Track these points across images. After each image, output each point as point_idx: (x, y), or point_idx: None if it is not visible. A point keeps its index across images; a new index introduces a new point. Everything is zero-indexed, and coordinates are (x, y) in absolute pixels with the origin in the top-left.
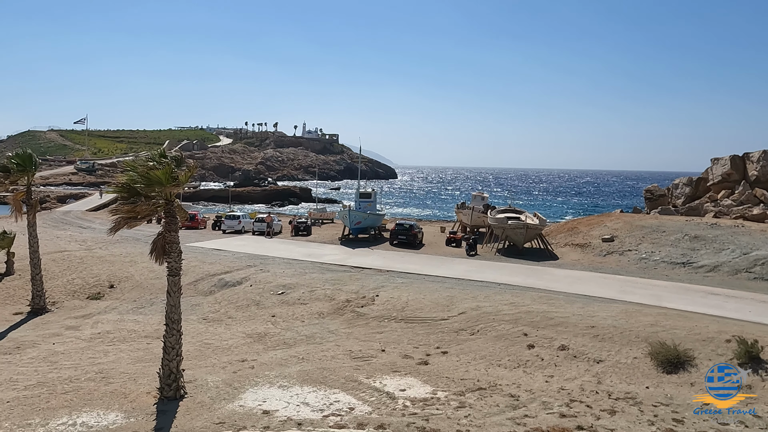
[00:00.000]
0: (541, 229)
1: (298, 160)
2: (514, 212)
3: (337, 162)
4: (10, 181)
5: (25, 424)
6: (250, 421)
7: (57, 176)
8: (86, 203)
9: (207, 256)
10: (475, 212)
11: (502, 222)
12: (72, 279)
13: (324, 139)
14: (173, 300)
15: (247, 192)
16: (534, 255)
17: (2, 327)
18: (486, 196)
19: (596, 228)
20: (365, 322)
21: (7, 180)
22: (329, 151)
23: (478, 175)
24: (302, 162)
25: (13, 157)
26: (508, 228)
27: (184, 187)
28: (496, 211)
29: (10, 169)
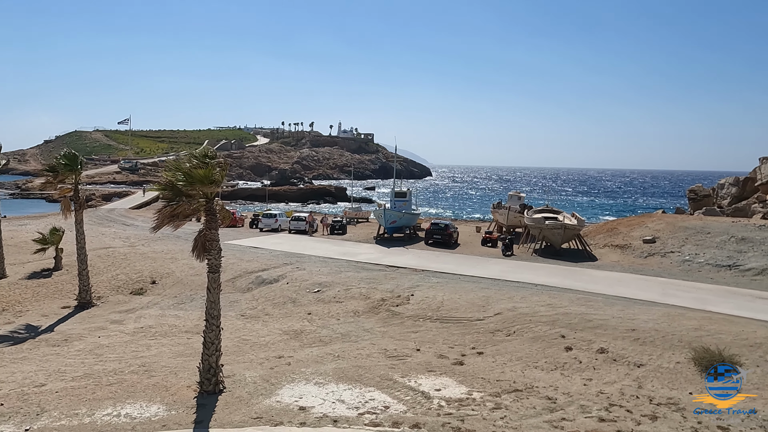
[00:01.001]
0: (579, 229)
1: (333, 160)
2: (551, 212)
3: (372, 161)
4: (58, 180)
5: (72, 413)
6: (287, 417)
7: (102, 175)
8: (129, 201)
9: (245, 254)
10: (511, 212)
11: (540, 222)
12: (116, 275)
13: (359, 138)
14: (213, 296)
15: (283, 191)
16: (572, 256)
17: (51, 320)
18: (523, 195)
19: (637, 229)
20: (400, 321)
21: (55, 179)
22: (364, 151)
23: (512, 175)
24: (337, 161)
25: (61, 157)
26: (546, 228)
27: (222, 186)
28: (533, 211)
29: (58, 168)
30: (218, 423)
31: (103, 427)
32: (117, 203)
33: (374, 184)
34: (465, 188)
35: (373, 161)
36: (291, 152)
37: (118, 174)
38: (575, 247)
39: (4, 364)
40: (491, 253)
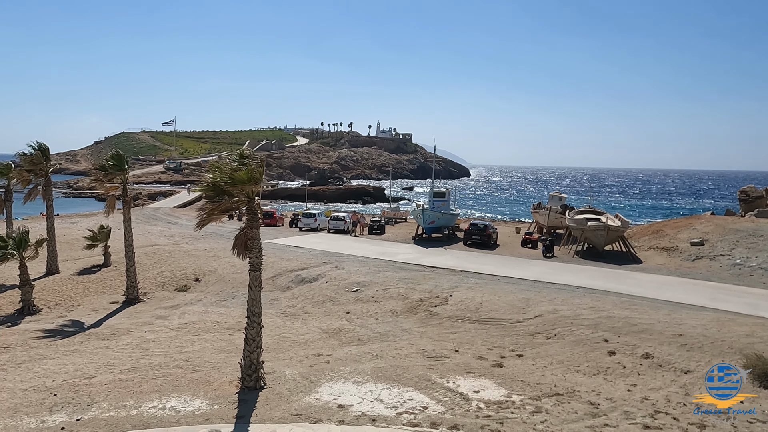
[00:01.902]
0: (623, 231)
1: (372, 160)
2: (594, 213)
3: (410, 161)
4: (107, 180)
5: (120, 405)
6: (326, 415)
7: (148, 175)
8: (174, 200)
9: (285, 253)
10: (552, 213)
11: (582, 223)
12: (161, 272)
13: (397, 138)
14: (254, 294)
15: (322, 191)
16: (615, 258)
17: (101, 315)
18: (564, 196)
19: (684, 231)
20: (438, 322)
21: (104, 179)
22: (403, 151)
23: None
24: (376, 161)
25: (109, 157)
26: (588, 229)
27: (262, 185)
28: (575, 212)
29: (107, 168)
30: (259, 418)
31: (149, 420)
32: (162, 202)
33: (412, 184)
34: (504, 188)
35: (411, 161)
36: (330, 152)
37: (163, 174)
38: (619, 249)
39: (58, 356)
40: (531, 254)
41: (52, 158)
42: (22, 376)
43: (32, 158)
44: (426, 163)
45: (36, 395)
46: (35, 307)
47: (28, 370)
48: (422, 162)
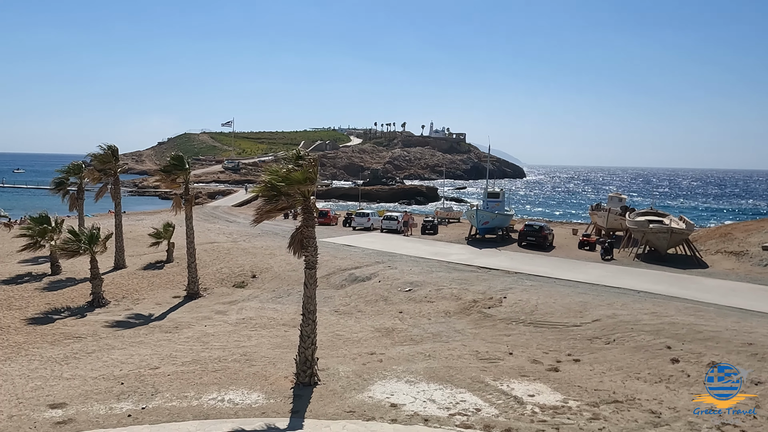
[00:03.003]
0: (687, 233)
1: (424, 160)
2: (656, 215)
3: (463, 161)
4: (171, 179)
5: (182, 395)
6: (379, 413)
7: (207, 174)
8: (232, 199)
9: (338, 252)
10: (611, 214)
11: (643, 225)
12: (220, 268)
13: (451, 138)
14: (309, 291)
15: (375, 190)
16: (679, 262)
17: (164, 308)
18: (624, 197)
19: (755, 234)
20: (492, 324)
21: (168, 178)
22: (456, 151)
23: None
24: (429, 161)
25: (171, 158)
26: (650, 232)
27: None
28: (636, 214)
29: (171, 168)
30: (313, 414)
31: (208, 411)
32: (221, 201)
33: (466, 184)
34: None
35: (464, 161)
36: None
37: (222, 173)
38: (683, 252)
39: (124, 347)
40: (589, 256)
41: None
42: (93, 364)
43: (102, 158)
44: (480, 163)
45: (105, 383)
46: (104, 299)
47: (98, 359)
48: (476, 162)
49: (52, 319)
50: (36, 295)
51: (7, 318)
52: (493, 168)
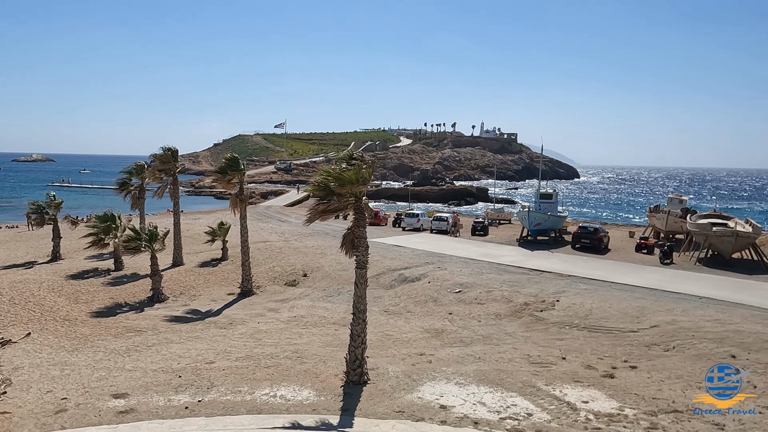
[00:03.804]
0: (754, 237)
1: (475, 160)
2: (720, 218)
3: (515, 161)
4: (226, 180)
5: (236, 390)
6: (428, 414)
7: (260, 175)
8: (284, 199)
9: (388, 252)
10: (671, 216)
11: (706, 228)
12: (273, 266)
13: (502, 138)
14: (360, 291)
15: (425, 191)
16: (744, 267)
17: (219, 305)
18: (685, 198)
19: None
20: (544, 327)
21: (224, 179)
22: (507, 151)
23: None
24: (479, 162)
25: (226, 159)
26: (713, 235)
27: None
28: (698, 216)
29: (227, 169)
30: (363, 413)
31: (261, 406)
32: (273, 201)
33: (517, 184)
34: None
35: (516, 161)
36: (433, 153)
37: (274, 174)
38: (749, 257)
39: (182, 341)
40: (647, 260)
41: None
42: (152, 357)
43: (163, 159)
44: (532, 164)
45: (164, 376)
46: (163, 295)
47: (157, 352)
48: (527, 162)
49: (115, 313)
50: (101, 290)
51: (75, 311)
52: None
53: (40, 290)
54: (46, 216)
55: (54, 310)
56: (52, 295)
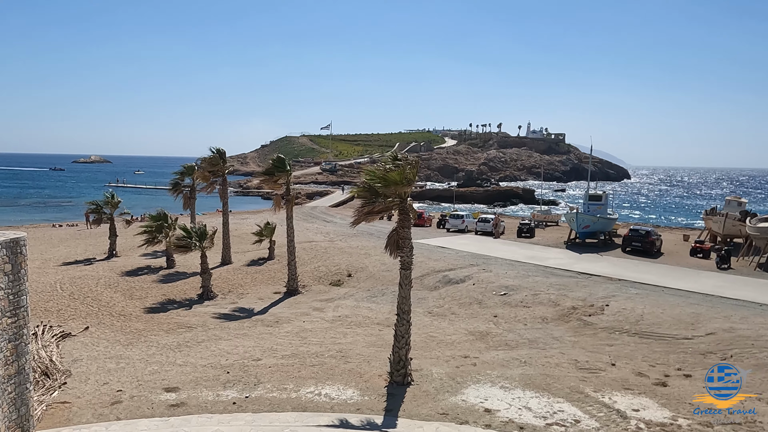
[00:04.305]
0: None
1: (521, 161)
2: None
3: (562, 162)
4: (273, 181)
5: (282, 387)
6: (472, 417)
7: (306, 176)
8: (329, 200)
9: (432, 253)
10: (729, 219)
11: (767, 232)
12: (318, 266)
13: (549, 138)
14: (404, 292)
15: (469, 192)
16: None
17: (265, 303)
18: (744, 201)
19: None
20: (593, 332)
21: (271, 179)
22: (554, 151)
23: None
24: (525, 162)
25: (274, 160)
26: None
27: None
28: (759, 219)
29: (274, 170)
30: (406, 414)
31: (306, 403)
32: (318, 201)
33: (565, 186)
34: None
35: (563, 162)
36: (478, 153)
37: (319, 175)
38: None
39: (230, 338)
40: (702, 264)
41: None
42: (202, 353)
43: (212, 161)
44: (580, 165)
45: (213, 371)
46: (212, 293)
47: (207, 348)
48: (576, 163)
49: (166, 309)
50: (153, 287)
51: (129, 306)
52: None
53: (98, 286)
54: (104, 215)
55: (110, 306)
56: (108, 291)
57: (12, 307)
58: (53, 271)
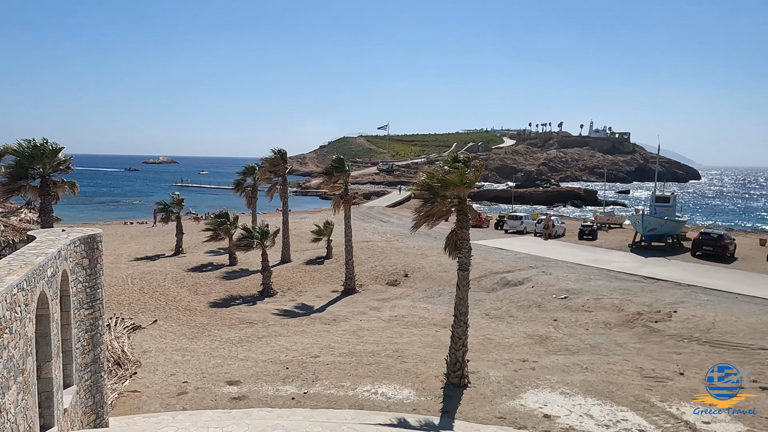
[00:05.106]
0: None
1: (583, 161)
2: None
3: (627, 162)
4: (332, 181)
5: (339, 384)
6: (531, 422)
7: (363, 176)
8: (386, 200)
9: (490, 254)
10: None
11: None
12: (374, 266)
13: (613, 138)
14: (462, 293)
15: (528, 193)
16: None
17: (323, 301)
18: None
19: None
20: (660, 340)
21: (330, 179)
22: (618, 151)
23: None
24: (587, 162)
25: (333, 161)
26: None
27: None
28: None
29: (332, 171)
30: (463, 416)
31: (363, 401)
32: (375, 201)
33: (629, 187)
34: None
35: (628, 162)
36: (537, 153)
37: (376, 175)
38: None
39: (289, 335)
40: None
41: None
42: (262, 348)
43: (273, 161)
44: (646, 165)
45: (273, 367)
46: (272, 290)
47: (267, 344)
48: (641, 163)
49: (229, 305)
50: (217, 283)
51: (194, 302)
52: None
53: (165, 281)
54: (171, 214)
55: (177, 300)
56: (175, 286)
57: (89, 299)
58: (125, 266)
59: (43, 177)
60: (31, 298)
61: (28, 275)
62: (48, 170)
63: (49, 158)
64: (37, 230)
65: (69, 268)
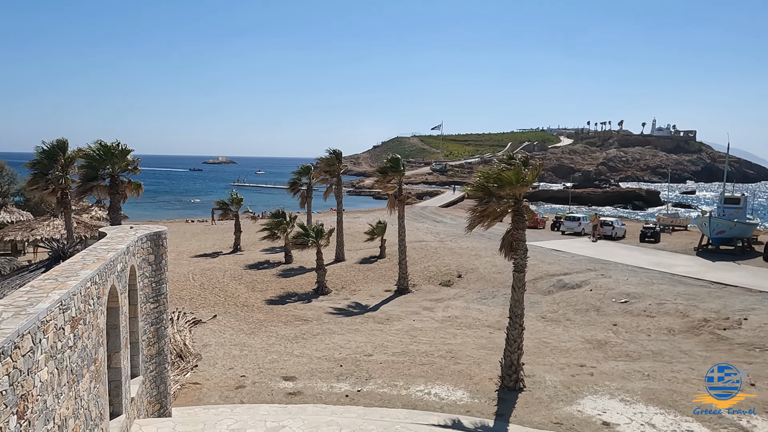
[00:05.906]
0: None
1: (644, 160)
2: None
3: (692, 162)
4: (387, 180)
5: (392, 383)
6: (589, 429)
7: (416, 176)
8: (439, 200)
9: (546, 256)
10: None
11: None
12: (428, 266)
13: (677, 136)
14: (517, 295)
15: (586, 193)
16: None
17: (377, 300)
18: None
19: None
20: (728, 348)
21: (384, 179)
22: (683, 150)
23: None
24: (649, 162)
25: (388, 161)
26: None
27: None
28: None
29: (387, 170)
30: (518, 420)
31: (416, 401)
32: (428, 201)
33: (695, 187)
34: None
35: (693, 162)
36: (596, 153)
37: (429, 175)
38: None
39: (343, 333)
40: None
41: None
42: (317, 345)
43: (328, 161)
44: (713, 164)
45: (327, 364)
46: (327, 288)
47: (321, 341)
48: (708, 163)
49: (285, 302)
50: (273, 280)
51: (252, 298)
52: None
53: (224, 278)
54: (230, 212)
55: (235, 296)
56: (233, 283)
57: (154, 294)
58: (186, 263)
59: (112, 177)
60: (103, 291)
61: (101, 270)
62: (117, 171)
63: (118, 159)
64: (107, 227)
65: (137, 264)
